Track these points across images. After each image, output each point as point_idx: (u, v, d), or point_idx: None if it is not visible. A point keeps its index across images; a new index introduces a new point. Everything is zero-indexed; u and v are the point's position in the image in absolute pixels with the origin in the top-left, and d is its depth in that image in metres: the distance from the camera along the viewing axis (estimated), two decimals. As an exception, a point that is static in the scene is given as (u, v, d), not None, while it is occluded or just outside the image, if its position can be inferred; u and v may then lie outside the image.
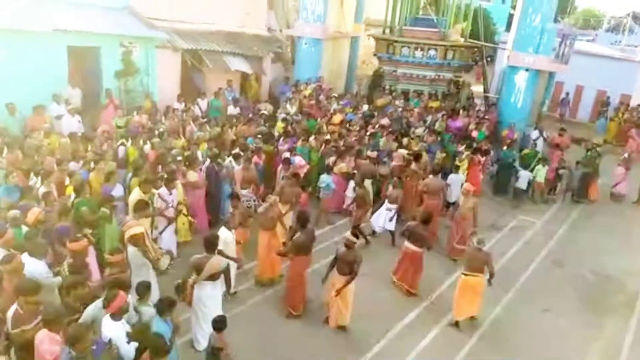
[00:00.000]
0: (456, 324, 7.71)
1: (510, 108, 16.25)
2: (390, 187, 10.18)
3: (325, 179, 10.74)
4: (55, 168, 8.35)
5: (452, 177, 11.22)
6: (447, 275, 9.13)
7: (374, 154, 11.66)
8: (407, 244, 8.33)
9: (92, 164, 8.80)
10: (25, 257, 5.63)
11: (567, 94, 23.52)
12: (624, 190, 13.93)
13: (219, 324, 5.43)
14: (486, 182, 13.59)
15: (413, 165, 11.03)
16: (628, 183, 13.86)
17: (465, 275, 7.47)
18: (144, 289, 5.65)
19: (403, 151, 12.04)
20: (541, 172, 12.87)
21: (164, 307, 5.31)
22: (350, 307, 7.25)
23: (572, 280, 9.50)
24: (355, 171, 10.95)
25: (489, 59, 22.15)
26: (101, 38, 12.62)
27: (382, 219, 9.92)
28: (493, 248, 9.83)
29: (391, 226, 9.95)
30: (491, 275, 7.46)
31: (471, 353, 7.20)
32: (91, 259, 6.68)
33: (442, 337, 7.50)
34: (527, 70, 15.72)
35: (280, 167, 10.65)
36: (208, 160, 10.00)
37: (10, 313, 4.93)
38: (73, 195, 7.69)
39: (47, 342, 4.63)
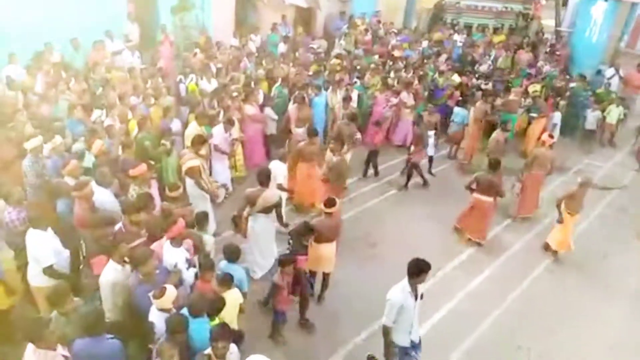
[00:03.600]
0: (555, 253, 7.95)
1: (584, 43, 15.03)
2: (426, 114, 10.02)
3: (458, 111, 10.78)
4: (118, 102, 8.65)
5: (556, 115, 11.32)
6: (502, 218, 8.94)
7: (488, 86, 11.62)
8: (476, 195, 7.91)
9: (152, 100, 9.05)
10: (93, 185, 5.98)
11: None
12: None
13: (282, 261, 5.43)
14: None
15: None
16: None
17: (569, 214, 7.64)
18: (203, 218, 5.89)
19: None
20: (614, 113, 11.97)
21: (232, 253, 5.37)
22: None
23: (635, 226, 9.04)
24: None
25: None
26: (157, -28, 12.58)
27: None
28: (555, 192, 9.45)
29: (431, 151, 9.96)
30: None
31: (522, 295, 7.12)
32: (154, 191, 6.99)
33: (493, 278, 7.44)
34: (605, 0, 14.30)
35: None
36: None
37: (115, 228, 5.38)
38: (136, 130, 7.99)
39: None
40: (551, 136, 8.83)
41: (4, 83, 9.12)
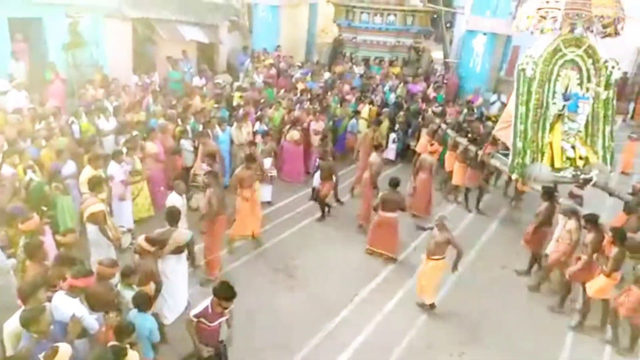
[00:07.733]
0: None
1: (470, 73, 16.49)
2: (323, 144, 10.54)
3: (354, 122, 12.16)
4: (5, 146, 7.91)
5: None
6: (411, 239, 9.29)
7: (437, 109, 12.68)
8: (380, 213, 8.34)
9: (43, 142, 8.40)
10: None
11: (626, 73, 18.17)
12: None
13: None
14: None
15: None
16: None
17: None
18: (130, 271, 5.38)
19: None
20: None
21: (142, 301, 4.99)
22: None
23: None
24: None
25: (448, 24, 22.13)
26: (44, 8, 11.89)
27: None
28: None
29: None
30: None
31: (436, 313, 7.40)
32: (47, 238, 6.42)
33: (408, 298, 7.64)
34: (484, 34, 15.87)
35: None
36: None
37: None
38: (29, 176, 7.32)
39: None
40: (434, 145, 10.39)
41: None
